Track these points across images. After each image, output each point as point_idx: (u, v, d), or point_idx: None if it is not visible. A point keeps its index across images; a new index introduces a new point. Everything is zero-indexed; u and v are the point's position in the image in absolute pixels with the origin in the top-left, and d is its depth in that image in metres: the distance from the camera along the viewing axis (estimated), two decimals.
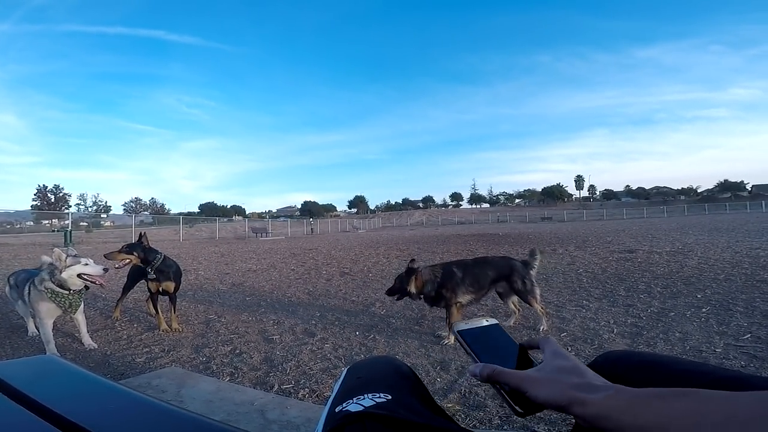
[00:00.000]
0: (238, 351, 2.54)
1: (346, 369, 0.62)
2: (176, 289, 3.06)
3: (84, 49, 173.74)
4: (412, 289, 2.71)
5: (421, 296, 2.75)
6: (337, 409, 0.47)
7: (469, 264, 2.88)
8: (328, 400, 0.52)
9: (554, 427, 1.52)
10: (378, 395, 0.48)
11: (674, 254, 6.59)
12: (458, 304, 2.72)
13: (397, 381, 0.56)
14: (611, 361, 0.61)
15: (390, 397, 0.47)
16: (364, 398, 0.47)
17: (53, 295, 2.40)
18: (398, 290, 2.77)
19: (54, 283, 2.41)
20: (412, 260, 2.86)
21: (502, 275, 2.83)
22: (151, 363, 2.35)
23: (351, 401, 0.47)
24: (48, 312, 2.45)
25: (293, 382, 2.03)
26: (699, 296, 3.55)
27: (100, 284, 2.52)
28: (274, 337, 2.81)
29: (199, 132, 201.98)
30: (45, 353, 2.54)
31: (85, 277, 2.47)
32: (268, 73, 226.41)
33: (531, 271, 2.92)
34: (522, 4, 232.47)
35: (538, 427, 1.52)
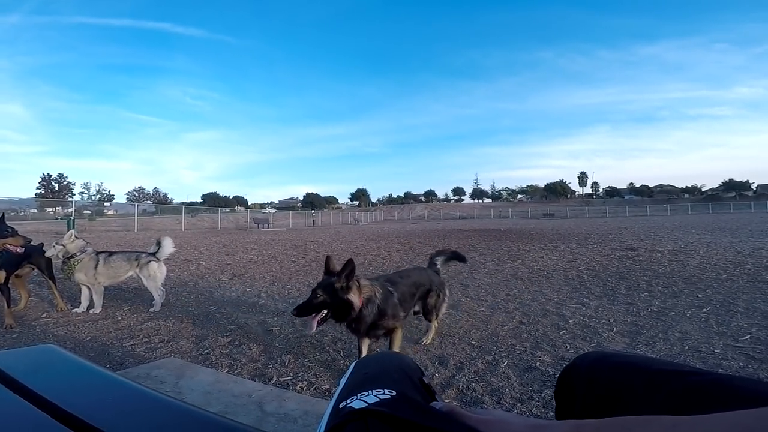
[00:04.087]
0: (237, 342, 2.55)
1: (353, 363, 0.62)
2: (6, 280, 2.95)
3: (91, 41, 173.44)
4: (354, 300, 1.84)
5: (353, 320, 1.90)
6: (341, 405, 0.47)
7: (396, 280, 2.25)
8: (333, 395, 0.52)
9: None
10: (382, 392, 0.47)
11: (676, 253, 6.57)
12: (400, 326, 2.15)
13: (403, 377, 0.55)
14: (589, 362, 0.61)
15: (394, 393, 0.47)
16: (368, 395, 0.47)
17: None
18: (325, 305, 1.82)
19: None
20: (328, 257, 2.00)
21: (423, 292, 2.43)
22: (150, 353, 2.37)
23: (355, 397, 0.47)
24: None
25: (291, 375, 2.05)
26: (700, 296, 3.54)
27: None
28: (274, 329, 2.82)
29: (202, 123, 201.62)
30: (45, 342, 2.57)
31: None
32: (271, 66, 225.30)
33: (441, 278, 2.64)
34: (524, 0, 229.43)
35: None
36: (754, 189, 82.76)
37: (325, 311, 1.82)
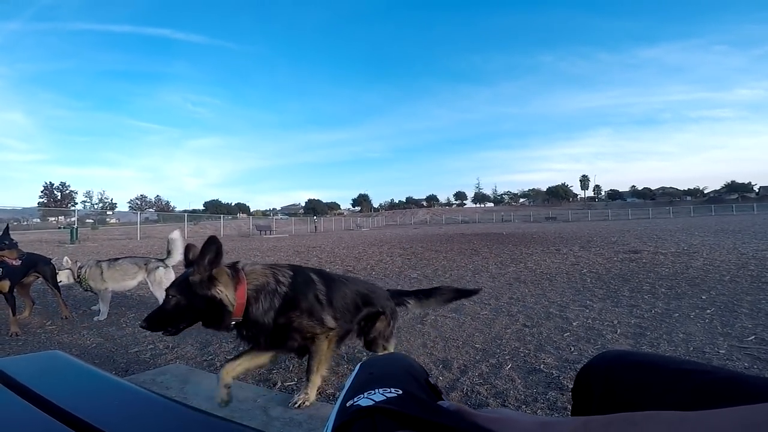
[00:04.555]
0: (241, 348, 2.55)
1: (359, 365, 0.62)
2: (11, 289, 2.96)
3: (91, 48, 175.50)
4: (224, 295, 1.33)
5: (243, 325, 1.43)
6: (348, 404, 0.47)
7: (331, 276, 1.73)
8: (339, 395, 0.53)
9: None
10: (389, 390, 0.48)
11: (679, 255, 6.55)
12: (330, 336, 1.59)
13: (408, 377, 0.56)
14: (607, 361, 0.61)
15: (400, 392, 0.48)
16: (375, 393, 0.47)
17: None
18: (181, 310, 1.33)
19: None
20: (187, 246, 1.50)
21: (372, 313, 1.81)
22: (155, 359, 2.37)
23: (362, 396, 0.47)
24: None
25: (296, 380, 2.05)
26: (704, 297, 3.52)
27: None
28: None
29: (204, 130, 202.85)
30: (51, 349, 2.58)
31: None
32: (273, 71, 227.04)
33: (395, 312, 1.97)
34: (525, 4, 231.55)
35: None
36: (757, 191, 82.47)
37: (184, 320, 1.33)
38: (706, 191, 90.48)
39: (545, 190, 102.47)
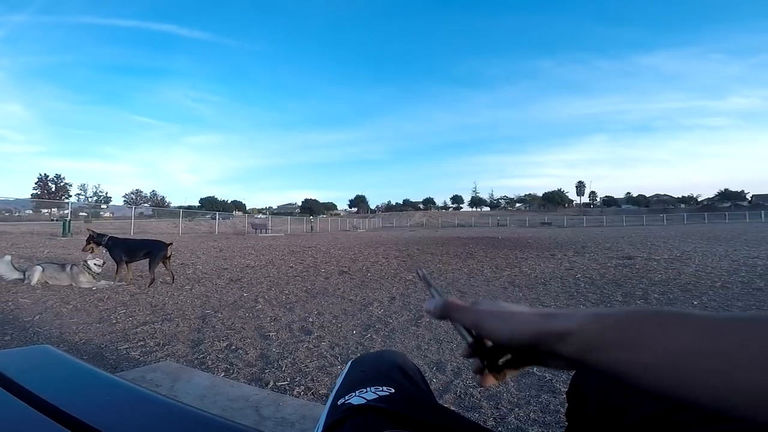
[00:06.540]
0: (233, 347, 2.54)
1: (350, 362, 0.62)
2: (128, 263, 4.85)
3: (95, 42, 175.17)
4: None
5: None
6: (339, 402, 0.47)
7: None
8: (331, 393, 0.52)
9: (548, 429, 1.52)
10: (381, 389, 0.47)
11: (672, 261, 6.60)
12: None
13: (401, 376, 0.56)
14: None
15: (392, 390, 0.47)
16: (366, 391, 0.47)
17: None
18: None
19: None
20: None
21: None
22: (145, 357, 2.35)
23: (354, 394, 0.47)
24: None
25: (289, 380, 2.03)
26: (695, 303, 3.55)
27: None
28: (271, 334, 2.81)
29: (203, 126, 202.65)
30: (39, 343, 2.55)
31: None
32: (274, 70, 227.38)
33: None
34: (525, 10, 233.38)
35: (532, 429, 1.52)
36: (749, 199, 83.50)
37: None
38: (699, 199, 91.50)
39: (541, 195, 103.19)
